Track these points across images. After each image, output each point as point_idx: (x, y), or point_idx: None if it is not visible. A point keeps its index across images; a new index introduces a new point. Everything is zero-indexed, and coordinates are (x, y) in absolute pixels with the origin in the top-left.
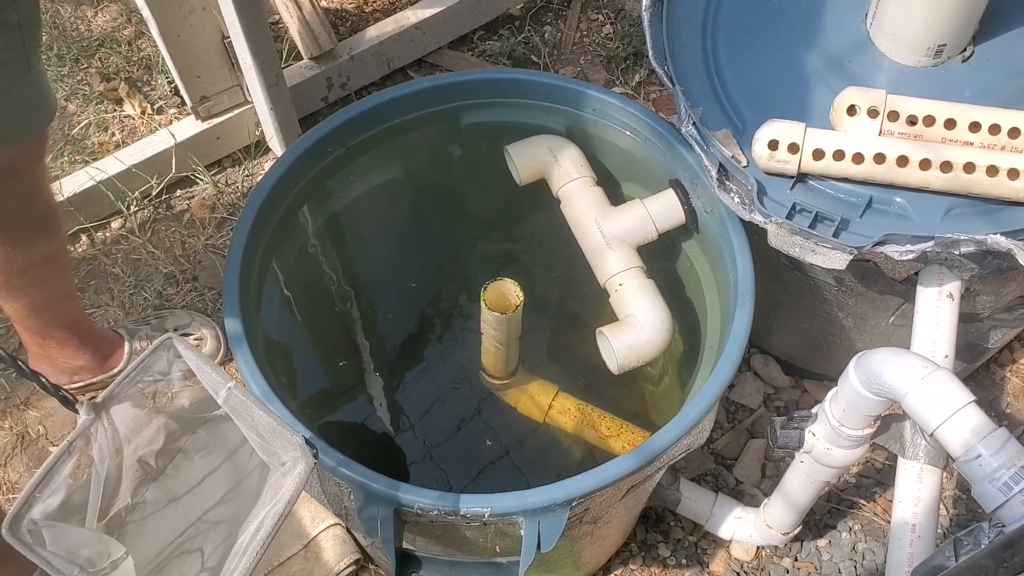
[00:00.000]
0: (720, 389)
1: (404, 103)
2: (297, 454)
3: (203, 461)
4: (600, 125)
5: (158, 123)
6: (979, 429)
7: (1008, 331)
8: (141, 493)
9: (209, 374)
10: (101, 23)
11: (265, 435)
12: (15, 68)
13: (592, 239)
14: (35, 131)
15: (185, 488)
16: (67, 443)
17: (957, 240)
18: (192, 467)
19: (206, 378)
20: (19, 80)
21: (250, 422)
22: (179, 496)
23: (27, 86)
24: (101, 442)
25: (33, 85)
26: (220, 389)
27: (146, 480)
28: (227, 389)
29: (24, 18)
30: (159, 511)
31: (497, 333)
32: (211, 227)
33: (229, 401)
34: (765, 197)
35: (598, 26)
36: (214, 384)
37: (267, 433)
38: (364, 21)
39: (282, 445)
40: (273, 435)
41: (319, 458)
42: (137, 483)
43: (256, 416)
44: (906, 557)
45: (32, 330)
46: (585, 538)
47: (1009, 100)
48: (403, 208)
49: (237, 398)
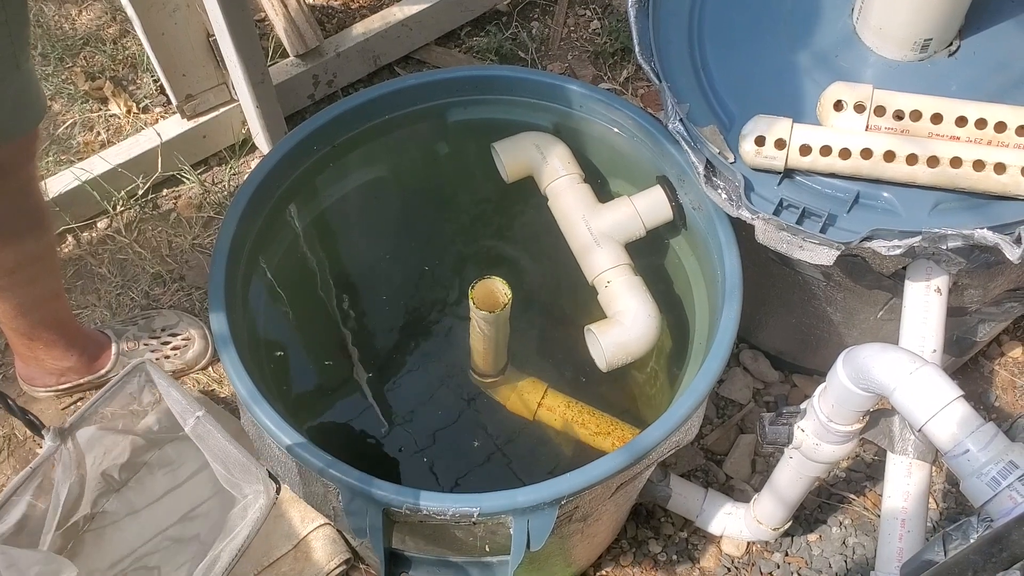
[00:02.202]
0: (709, 385)
1: (391, 100)
2: (259, 488)
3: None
4: (587, 122)
5: (144, 122)
6: (967, 424)
7: (996, 325)
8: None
9: (179, 401)
10: (85, 22)
11: (230, 466)
12: (4, 66)
13: (580, 236)
14: (25, 129)
15: (146, 502)
16: (29, 470)
17: (944, 235)
18: (155, 482)
19: (176, 405)
20: (8, 78)
21: (216, 452)
22: (139, 509)
23: (16, 84)
24: (65, 462)
25: (22, 83)
26: (188, 417)
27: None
28: (195, 418)
29: (11, 16)
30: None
31: (486, 331)
32: (198, 226)
33: (196, 429)
34: (752, 193)
35: (586, 22)
36: (183, 412)
37: (232, 464)
38: (350, 18)
39: (246, 478)
40: (237, 467)
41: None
42: (98, 494)
43: (222, 447)
44: (895, 551)
45: (19, 331)
46: (575, 536)
47: (995, 94)
48: (391, 206)
49: (205, 428)
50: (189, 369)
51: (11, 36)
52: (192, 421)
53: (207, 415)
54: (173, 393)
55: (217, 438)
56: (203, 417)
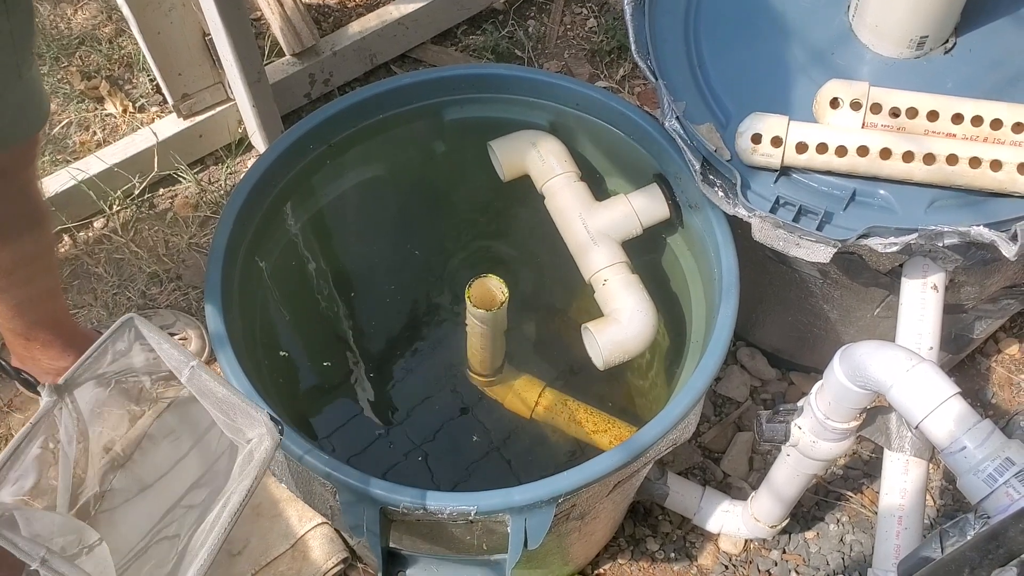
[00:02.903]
0: (706, 383)
1: (387, 99)
2: (263, 431)
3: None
4: (584, 120)
5: (140, 121)
6: (964, 421)
7: (993, 322)
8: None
9: (171, 353)
10: (81, 21)
11: (230, 413)
12: (7, 75)
13: (576, 234)
14: (27, 135)
15: (155, 475)
16: (29, 425)
17: (941, 232)
18: (159, 453)
19: (168, 357)
20: (11, 86)
21: (215, 401)
22: (149, 483)
23: (18, 93)
24: (67, 425)
25: (25, 92)
26: (183, 368)
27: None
28: (190, 368)
29: (16, 26)
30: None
31: (482, 330)
32: (194, 226)
33: (192, 380)
34: (749, 191)
35: (582, 20)
36: (176, 363)
37: (232, 411)
38: (346, 16)
39: (247, 423)
40: (238, 413)
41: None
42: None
43: (220, 395)
44: (893, 549)
45: (16, 331)
46: (572, 534)
47: (991, 91)
48: (387, 205)
49: (200, 377)
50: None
51: (15, 46)
52: (187, 372)
53: (201, 364)
54: (164, 346)
55: (215, 386)
56: (197, 367)
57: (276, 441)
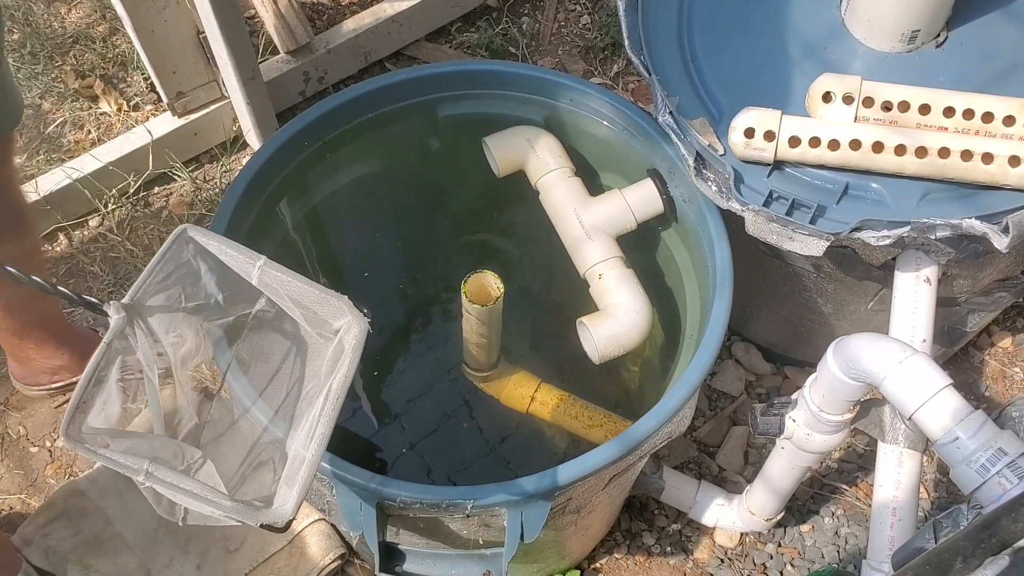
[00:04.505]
0: (700, 376)
1: (381, 96)
2: (348, 318)
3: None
4: (578, 116)
5: (134, 120)
6: (956, 412)
7: (985, 315)
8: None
9: (236, 257)
10: (75, 20)
11: (310, 306)
12: None
13: (571, 229)
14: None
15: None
16: (104, 344)
17: (933, 225)
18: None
19: (234, 262)
20: None
21: (291, 295)
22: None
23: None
24: (144, 347)
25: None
26: (252, 269)
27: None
28: (258, 268)
29: None
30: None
31: (478, 325)
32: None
33: (263, 279)
34: (742, 185)
35: (576, 17)
36: (243, 266)
37: (311, 303)
38: (341, 14)
39: (330, 312)
40: (319, 304)
41: None
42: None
43: (296, 289)
44: (887, 540)
45: (9, 331)
46: (569, 528)
47: (982, 85)
48: (383, 201)
49: (271, 274)
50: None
51: None
52: (256, 272)
53: (269, 261)
54: (227, 250)
55: (288, 281)
56: (266, 263)
57: (364, 327)
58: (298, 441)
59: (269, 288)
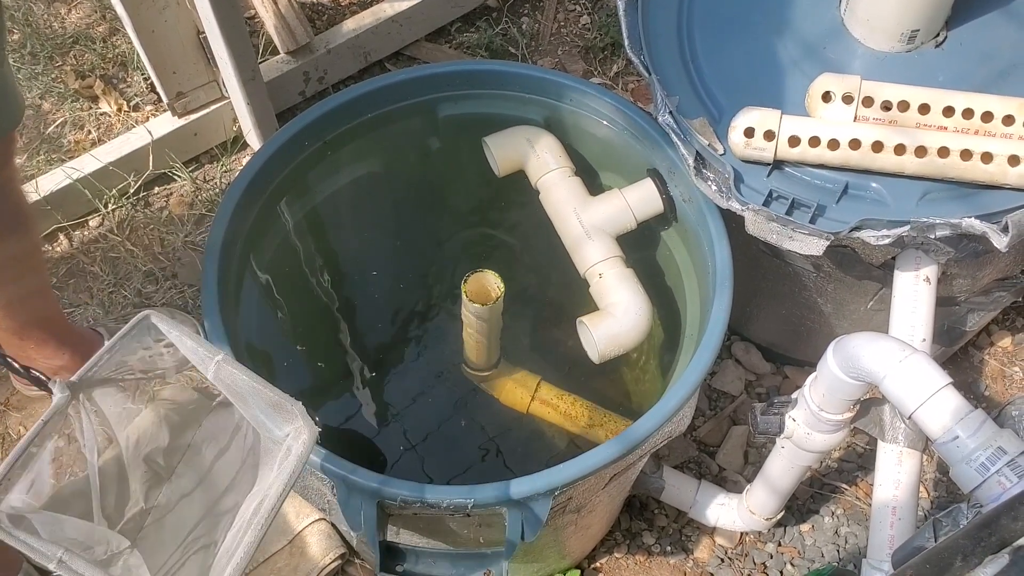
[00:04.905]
0: (700, 376)
1: (381, 96)
2: (299, 424)
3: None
4: (578, 116)
5: (134, 120)
6: (956, 411)
7: (985, 314)
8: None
9: (195, 349)
10: (75, 20)
11: (262, 407)
12: None
13: (571, 229)
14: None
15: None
16: (41, 422)
17: (933, 224)
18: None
19: (192, 354)
20: None
21: (245, 395)
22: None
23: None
24: (87, 427)
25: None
26: (209, 363)
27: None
28: (215, 363)
29: None
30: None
31: (478, 325)
32: (190, 224)
33: (219, 374)
34: (742, 184)
35: (575, 17)
36: (201, 359)
37: (265, 404)
38: (340, 14)
39: (282, 416)
40: (272, 406)
41: None
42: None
43: (251, 389)
44: (887, 539)
45: (9, 331)
46: (569, 527)
47: (982, 85)
48: (383, 201)
49: (227, 371)
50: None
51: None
52: (213, 367)
53: (228, 357)
54: (187, 342)
55: (243, 380)
56: (224, 360)
57: (314, 435)
58: (227, 541)
59: (224, 384)
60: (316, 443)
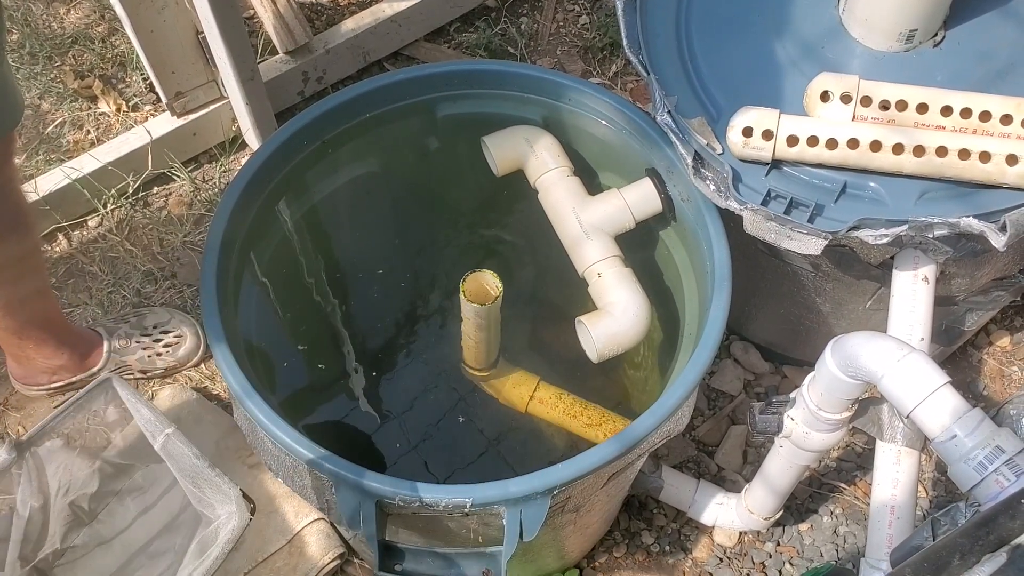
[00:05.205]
0: (699, 375)
1: (380, 96)
2: (232, 508)
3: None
4: (577, 115)
5: (133, 120)
6: (954, 410)
7: (983, 314)
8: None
9: (148, 418)
10: (74, 20)
11: (201, 484)
12: None
13: (570, 229)
14: (1, 134)
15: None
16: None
17: (931, 223)
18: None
19: (144, 422)
20: None
21: (186, 470)
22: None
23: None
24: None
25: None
26: (158, 434)
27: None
28: (165, 435)
29: None
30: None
31: (477, 324)
32: (189, 224)
33: (166, 447)
34: (740, 184)
35: (574, 17)
36: (152, 429)
37: (203, 483)
38: (339, 14)
39: (218, 498)
40: (209, 486)
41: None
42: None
43: (192, 465)
44: (885, 538)
45: (9, 330)
46: (568, 527)
47: (980, 84)
48: (382, 201)
49: (175, 444)
50: (181, 366)
51: None
52: (161, 438)
53: (177, 432)
54: (142, 410)
55: (188, 456)
56: (173, 434)
57: (245, 522)
58: None
59: (169, 456)
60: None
